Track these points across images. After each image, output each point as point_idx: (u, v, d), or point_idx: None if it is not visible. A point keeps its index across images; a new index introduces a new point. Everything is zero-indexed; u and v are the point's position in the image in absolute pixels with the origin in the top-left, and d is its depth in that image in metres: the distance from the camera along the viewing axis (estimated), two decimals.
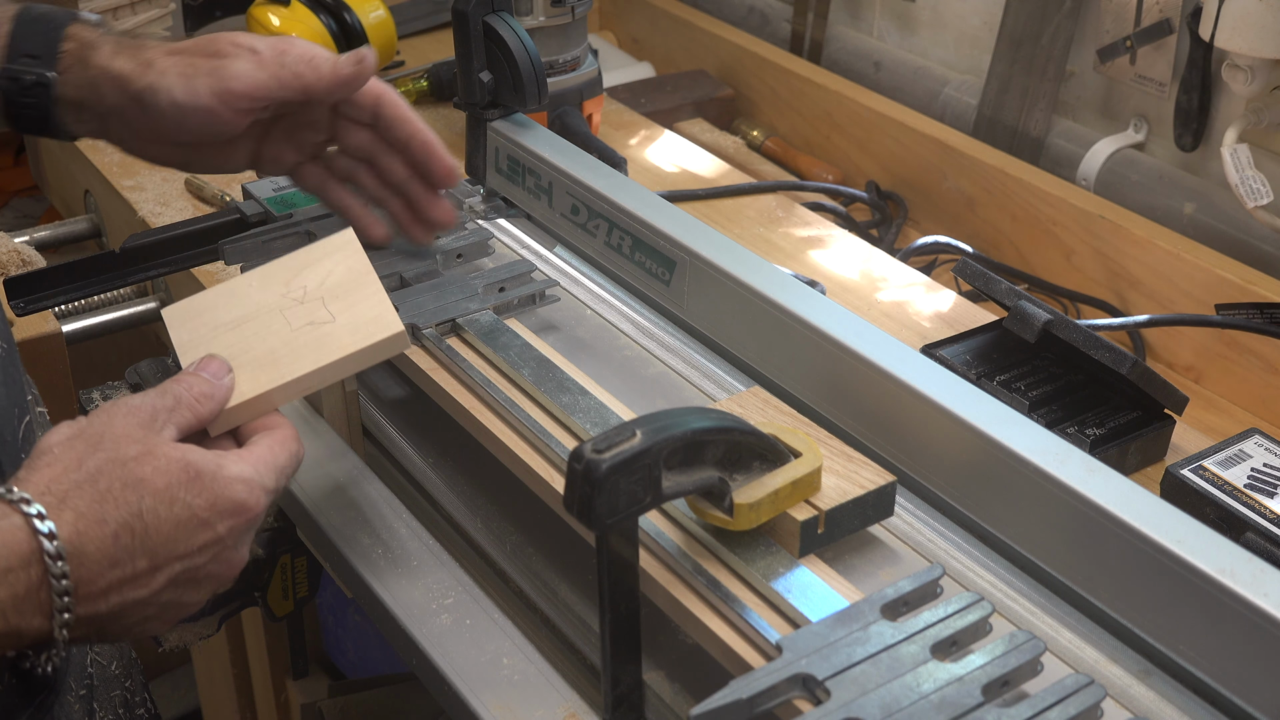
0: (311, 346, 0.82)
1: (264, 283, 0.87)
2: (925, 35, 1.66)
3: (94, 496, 0.67)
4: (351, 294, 0.85)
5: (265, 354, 0.81)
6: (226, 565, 0.72)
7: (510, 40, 1.10)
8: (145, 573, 0.68)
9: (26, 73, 0.85)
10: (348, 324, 0.83)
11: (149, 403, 0.72)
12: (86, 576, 0.66)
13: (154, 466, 0.68)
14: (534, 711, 0.78)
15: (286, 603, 1.23)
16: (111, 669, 0.95)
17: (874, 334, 0.86)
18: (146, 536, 0.68)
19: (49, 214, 2.26)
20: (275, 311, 0.84)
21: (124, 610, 0.68)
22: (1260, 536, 0.90)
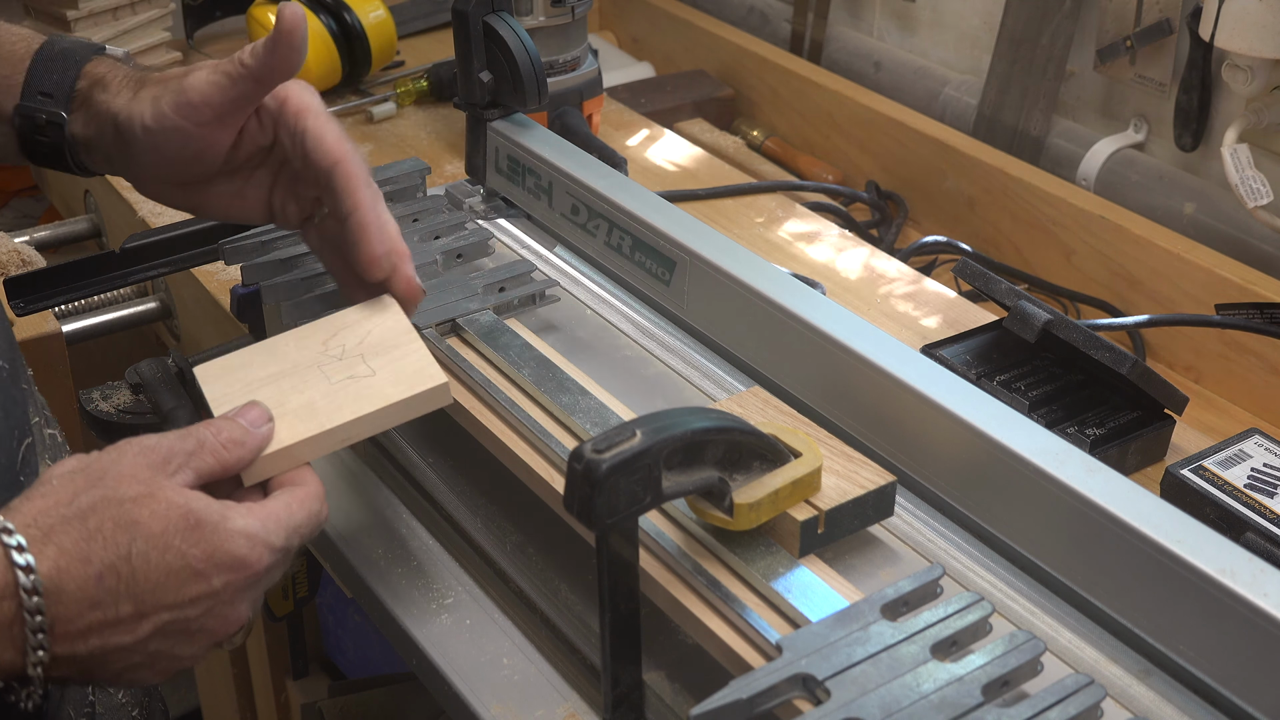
0: (351, 398, 0.80)
1: (300, 342, 0.84)
2: (925, 35, 1.66)
3: (81, 534, 0.64)
4: (392, 351, 0.83)
5: (303, 405, 0.79)
6: (222, 621, 0.69)
7: (510, 40, 1.10)
8: (129, 618, 0.65)
9: (40, 111, 0.84)
10: (389, 377, 0.81)
11: (166, 444, 0.69)
12: (64, 615, 0.64)
13: (151, 510, 0.66)
14: (534, 711, 0.78)
15: (286, 603, 1.23)
16: (118, 697, 0.92)
17: (874, 334, 0.86)
18: (134, 580, 0.65)
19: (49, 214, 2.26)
20: (313, 367, 0.82)
21: (106, 655, 0.66)
22: (1260, 536, 0.90)
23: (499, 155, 1.16)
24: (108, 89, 0.84)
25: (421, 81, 1.62)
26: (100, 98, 0.84)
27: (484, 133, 1.17)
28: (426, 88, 1.62)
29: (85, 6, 1.56)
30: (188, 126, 0.82)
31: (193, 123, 0.82)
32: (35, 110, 0.84)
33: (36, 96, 0.84)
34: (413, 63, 1.73)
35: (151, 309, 1.49)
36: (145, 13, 1.63)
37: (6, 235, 1.45)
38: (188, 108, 0.81)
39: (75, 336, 1.43)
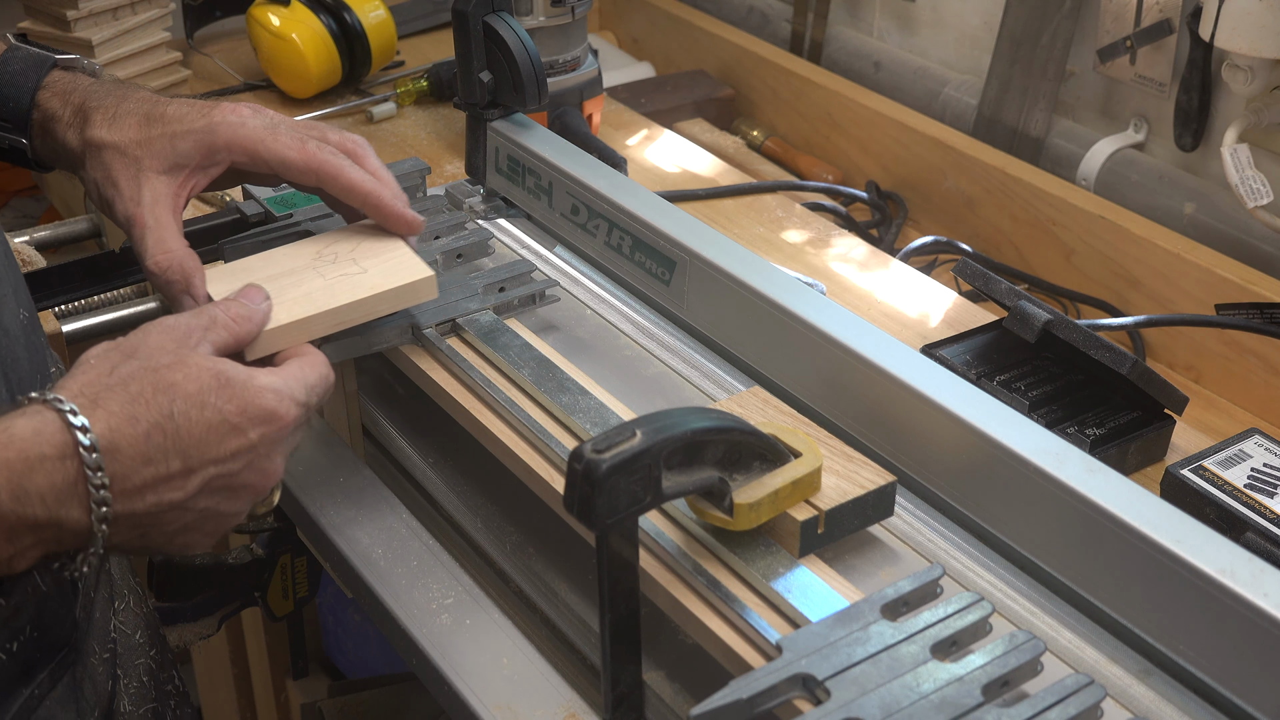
0: (346, 289, 0.88)
1: (294, 252, 0.92)
2: (925, 35, 1.66)
3: (125, 398, 0.69)
4: (381, 254, 0.91)
5: (301, 295, 0.87)
6: (261, 474, 0.74)
7: (510, 40, 1.10)
8: (179, 474, 0.70)
9: (3, 137, 0.91)
10: (380, 273, 0.89)
11: (184, 322, 0.75)
12: (121, 472, 0.68)
13: (185, 373, 0.71)
14: (534, 711, 0.78)
15: (286, 603, 1.23)
16: (136, 637, 0.96)
17: (874, 334, 0.86)
18: (179, 437, 0.70)
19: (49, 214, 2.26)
20: (308, 269, 0.90)
21: (161, 514, 0.70)
22: (1260, 536, 0.90)
23: (499, 155, 1.16)
24: (59, 123, 0.90)
25: (421, 81, 1.62)
26: (56, 132, 0.90)
27: (484, 133, 1.17)
28: (426, 88, 1.62)
29: (85, 6, 1.56)
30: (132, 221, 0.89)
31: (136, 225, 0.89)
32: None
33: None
34: (413, 63, 1.73)
35: (151, 309, 1.49)
36: (145, 13, 1.63)
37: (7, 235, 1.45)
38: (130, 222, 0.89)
39: (75, 336, 1.42)
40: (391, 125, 1.58)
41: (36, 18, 1.61)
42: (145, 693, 0.95)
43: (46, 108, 0.91)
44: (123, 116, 0.90)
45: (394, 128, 1.57)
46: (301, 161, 0.90)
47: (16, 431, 0.67)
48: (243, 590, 1.20)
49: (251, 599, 1.21)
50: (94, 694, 0.86)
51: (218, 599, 1.19)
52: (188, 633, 1.17)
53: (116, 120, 0.89)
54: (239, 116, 0.90)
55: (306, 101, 1.60)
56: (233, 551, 1.19)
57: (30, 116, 0.91)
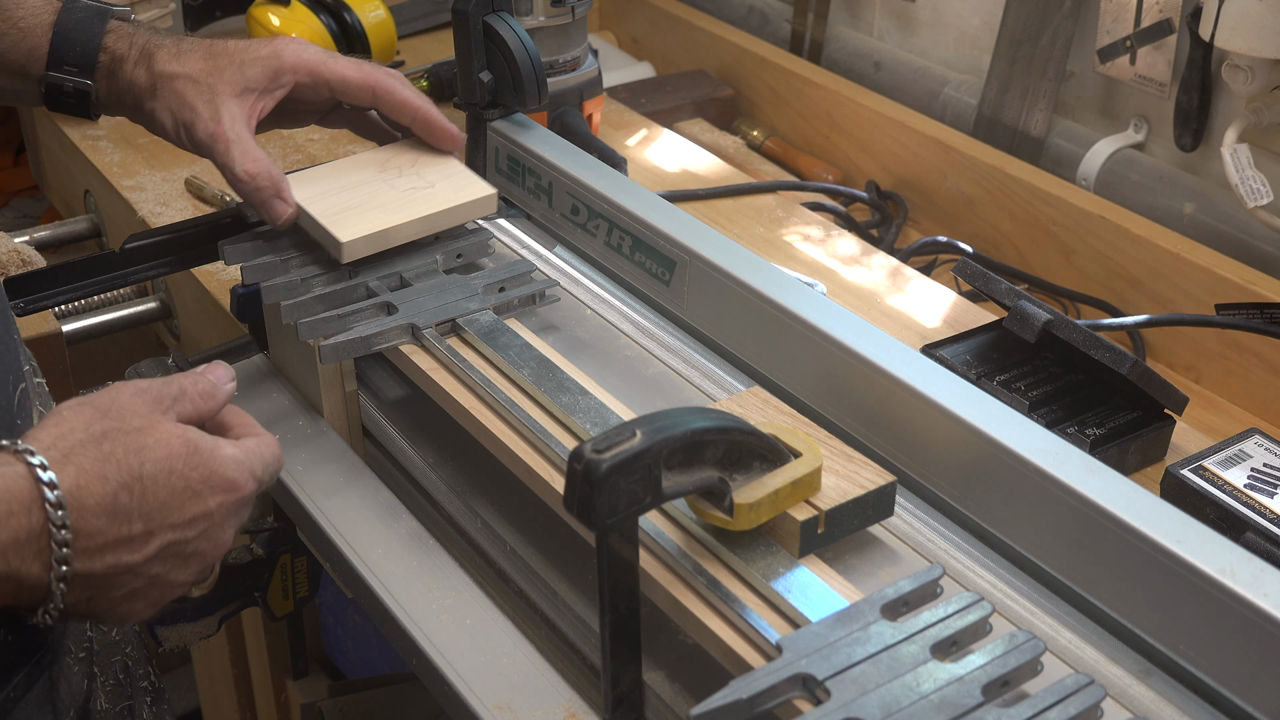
0: (421, 201, 0.99)
1: (357, 167, 1.02)
2: (925, 35, 1.66)
3: (97, 456, 0.70)
4: (440, 169, 1.03)
5: (383, 204, 0.98)
6: (213, 543, 0.74)
7: (510, 40, 1.10)
8: (140, 536, 0.70)
9: (67, 81, 0.97)
10: (447, 187, 1.00)
11: (156, 388, 0.76)
12: (85, 530, 0.69)
13: (156, 438, 0.72)
14: (534, 711, 0.78)
15: (286, 603, 1.23)
16: (112, 635, 0.97)
17: (874, 334, 0.86)
18: (144, 499, 0.70)
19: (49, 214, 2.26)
20: (380, 181, 1.01)
21: (115, 576, 0.71)
22: (1260, 536, 0.90)
23: (499, 155, 1.16)
24: (126, 63, 0.97)
25: (421, 81, 1.62)
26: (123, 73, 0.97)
27: (484, 133, 1.17)
28: (426, 88, 1.62)
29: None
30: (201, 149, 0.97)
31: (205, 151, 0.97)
32: (63, 80, 0.96)
33: (63, 67, 0.96)
34: (413, 63, 1.72)
35: (151, 309, 1.49)
36: (145, 13, 1.63)
37: (6, 235, 1.45)
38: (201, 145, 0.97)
39: (75, 336, 1.43)
40: None
41: None
42: (121, 690, 0.96)
43: (114, 50, 0.97)
44: (186, 52, 0.97)
45: None
46: (360, 78, 1.00)
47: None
48: (243, 590, 1.20)
49: (251, 599, 1.21)
50: (70, 694, 0.86)
51: (218, 599, 1.19)
52: (188, 633, 1.17)
53: (182, 55, 0.97)
54: (299, 43, 1.00)
55: None
56: (233, 552, 1.19)
57: (97, 60, 0.97)
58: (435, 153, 1.04)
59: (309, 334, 0.94)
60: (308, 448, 0.99)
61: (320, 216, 0.96)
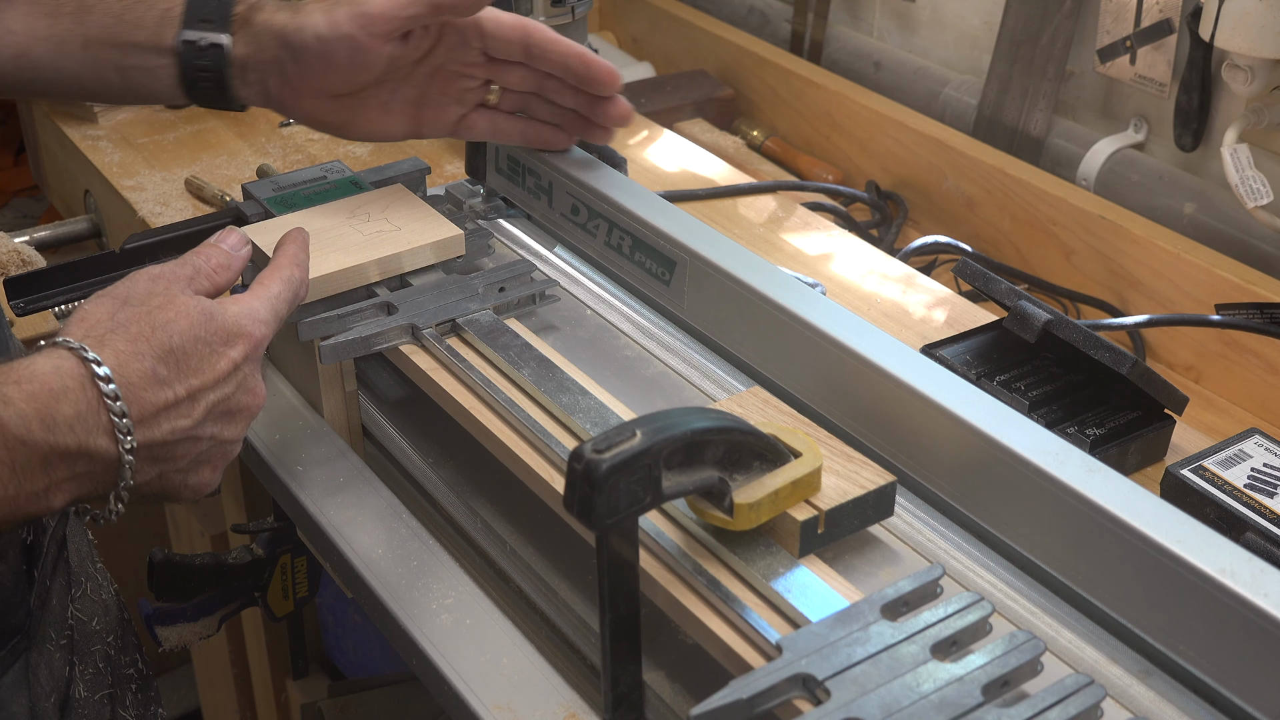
0: (383, 244, 0.97)
1: (327, 214, 1.01)
2: (925, 35, 1.66)
3: (128, 338, 0.74)
4: (409, 213, 1.01)
5: (344, 247, 0.97)
6: (251, 394, 0.80)
7: None
8: (185, 400, 0.75)
9: (202, 38, 0.93)
10: (412, 231, 0.99)
11: (169, 270, 0.80)
12: (136, 400, 0.73)
13: (176, 312, 0.77)
14: (534, 711, 0.78)
15: (286, 603, 1.23)
16: (92, 624, 0.98)
17: (874, 334, 0.86)
18: (180, 367, 0.75)
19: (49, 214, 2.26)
20: (347, 226, 0.99)
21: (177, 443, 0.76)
22: (1260, 536, 0.90)
23: (499, 155, 1.16)
24: (263, 10, 0.95)
25: None
26: (259, 18, 0.94)
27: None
28: None
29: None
30: (361, 36, 0.93)
31: (368, 33, 0.93)
32: (198, 38, 0.94)
33: (198, 23, 0.94)
34: None
35: None
36: None
37: (6, 235, 1.45)
38: (366, 19, 0.92)
39: None
40: None
41: None
42: (101, 678, 0.97)
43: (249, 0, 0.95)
44: None
45: None
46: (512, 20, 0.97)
47: (38, 368, 0.71)
48: (243, 590, 1.20)
49: (251, 599, 1.21)
50: (50, 680, 0.88)
51: (218, 599, 1.19)
52: (187, 633, 1.17)
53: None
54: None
55: None
56: (233, 551, 1.19)
57: (233, 12, 0.94)
58: (408, 200, 1.03)
59: (309, 334, 0.94)
60: (308, 448, 0.99)
61: None
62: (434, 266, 1.00)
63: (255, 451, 0.99)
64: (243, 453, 1.02)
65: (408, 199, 1.03)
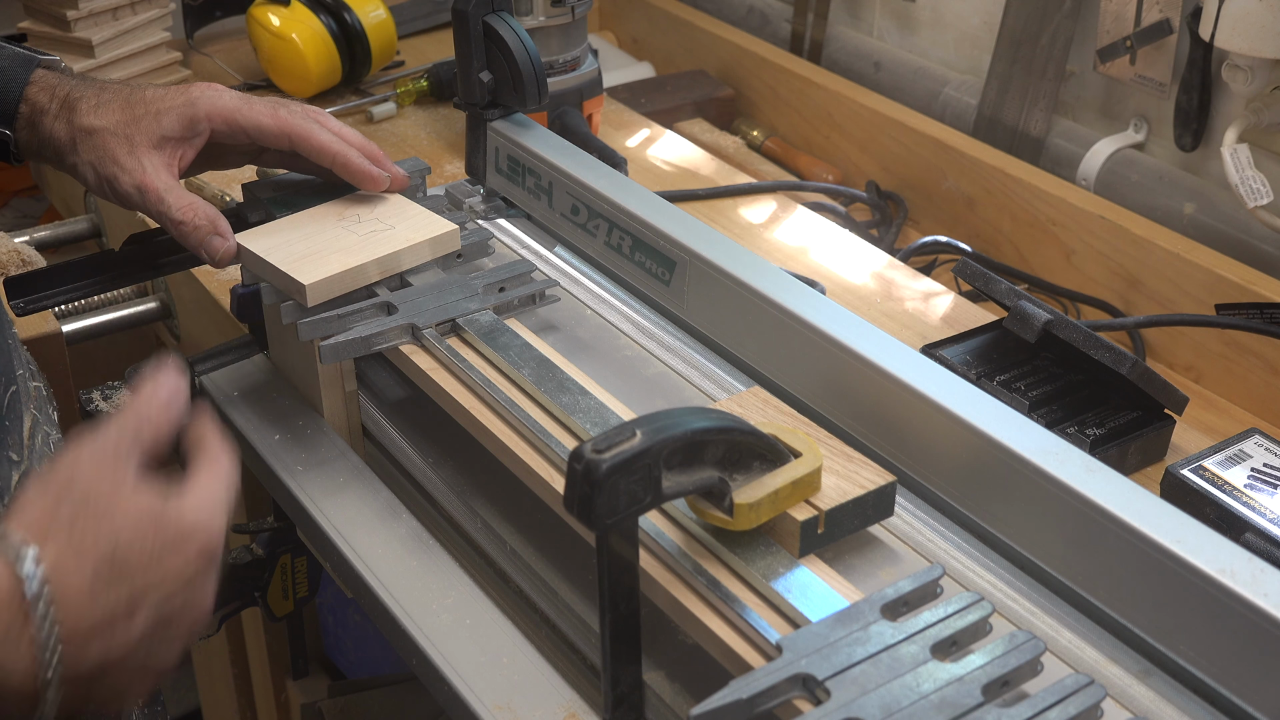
0: (381, 243, 0.98)
1: (316, 218, 1.01)
2: (925, 35, 1.66)
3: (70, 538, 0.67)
4: (401, 213, 1.01)
5: (343, 248, 0.97)
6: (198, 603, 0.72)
7: (510, 40, 1.10)
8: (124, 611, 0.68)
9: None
10: (407, 229, 0.99)
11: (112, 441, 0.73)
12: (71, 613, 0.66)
13: (123, 510, 0.70)
14: (534, 711, 0.78)
15: (286, 603, 1.23)
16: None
17: (874, 334, 0.86)
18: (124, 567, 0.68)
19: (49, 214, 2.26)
20: (339, 228, 0.99)
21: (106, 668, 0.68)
22: (1260, 536, 0.90)
23: (499, 155, 1.16)
24: (45, 116, 0.96)
25: (421, 81, 1.62)
26: (42, 125, 0.96)
27: (484, 133, 1.17)
28: (426, 88, 1.62)
29: (85, 6, 1.56)
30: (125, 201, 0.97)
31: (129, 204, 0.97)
32: None
33: None
34: (413, 63, 1.73)
35: (151, 309, 1.49)
36: (145, 13, 1.63)
37: (6, 235, 1.45)
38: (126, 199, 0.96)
39: (75, 336, 1.43)
40: (391, 125, 1.58)
41: (36, 18, 1.61)
42: None
43: (35, 101, 0.96)
44: (105, 104, 0.96)
45: (394, 128, 1.57)
46: (275, 126, 0.98)
47: None
48: (243, 590, 1.20)
49: (251, 599, 1.21)
50: None
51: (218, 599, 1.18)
52: None
53: (101, 108, 0.96)
54: (215, 91, 0.98)
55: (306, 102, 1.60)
56: (233, 551, 1.19)
57: (18, 110, 0.96)
58: (395, 199, 1.03)
59: (309, 334, 0.94)
60: (308, 448, 0.99)
61: (281, 264, 0.95)
62: (434, 266, 1.00)
63: (255, 451, 0.99)
64: (243, 453, 1.02)
65: (394, 199, 1.03)
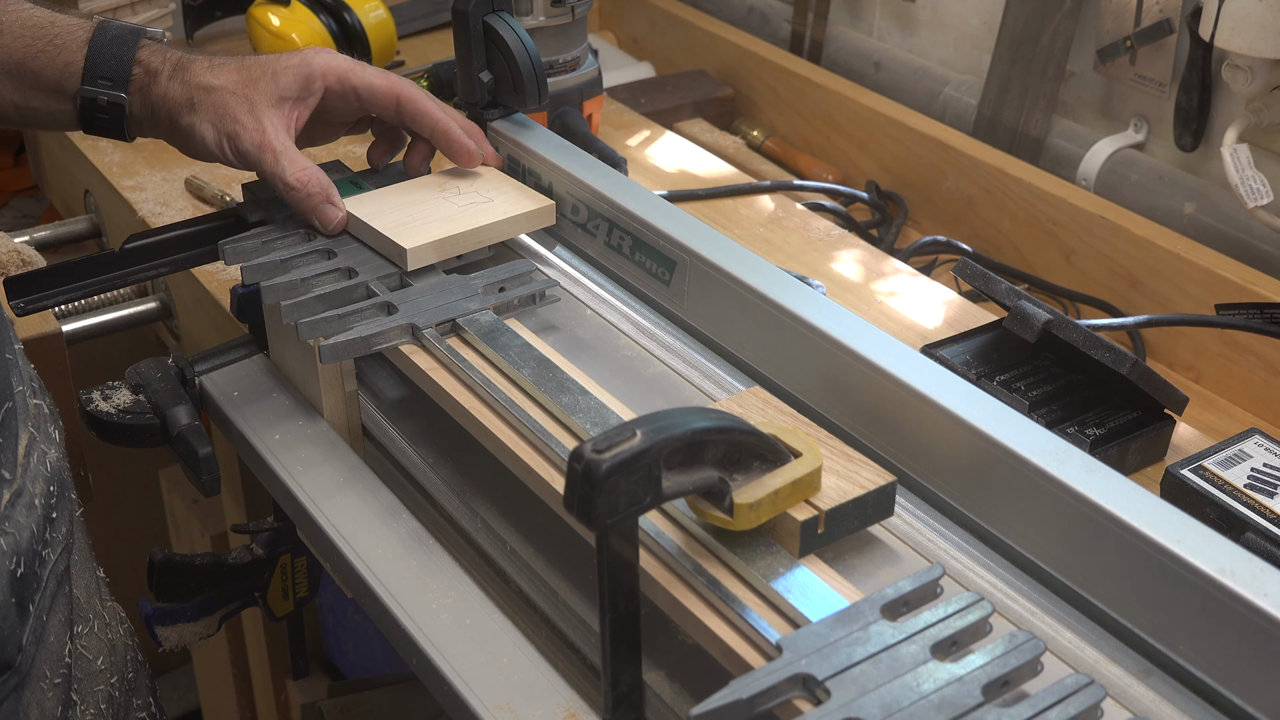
0: (480, 214, 1.02)
1: (418, 188, 1.06)
2: (925, 35, 1.66)
3: None
4: (498, 187, 1.06)
5: (443, 217, 1.01)
6: None
7: (510, 40, 1.10)
8: None
9: (102, 94, 0.98)
10: (504, 202, 1.04)
11: None
12: None
13: None
14: (534, 711, 0.78)
15: (286, 603, 1.23)
16: (97, 663, 0.95)
17: (874, 334, 0.86)
18: None
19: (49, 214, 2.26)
20: (440, 199, 1.04)
21: None
22: (1260, 536, 0.90)
23: (498, 155, 1.16)
24: (159, 78, 0.99)
25: (421, 81, 1.62)
26: (156, 88, 0.99)
27: (484, 133, 1.17)
28: (426, 88, 1.62)
29: (85, 7, 1.56)
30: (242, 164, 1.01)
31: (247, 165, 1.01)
32: (98, 94, 0.98)
33: (97, 80, 0.98)
34: (413, 63, 1.72)
35: (151, 309, 1.49)
36: (145, 13, 1.63)
37: (6, 235, 1.45)
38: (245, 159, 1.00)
39: (75, 336, 1.43)
40: None
41: None
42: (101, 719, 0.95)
43: (148, 64, 0.99)
44: (219, 66, 1.00)
45: None
46: (386, 86, 1.02)
47: None
48: (243, 590, 1.20)
49: (251, 599, 1.21)
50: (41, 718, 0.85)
51: (218, 599, 1.19)
52: (187, 633, 1.17)
53: (216, 69, 0.99)
54: (328, 52, 1.03)
55: None
56: (233, 551, 1.19)
57: (131, 74, 0.99)
58: (492, 174, 1.07)
59: (309, 334, 0.94)
60: (308, 448, 0.99)
61: (384, 229, 0.99)
62: (434, 266, 1.00)
63: (255, 451, 0.99)
64: (243, 453, 1.02)
65: (490, 173, 1.08)
